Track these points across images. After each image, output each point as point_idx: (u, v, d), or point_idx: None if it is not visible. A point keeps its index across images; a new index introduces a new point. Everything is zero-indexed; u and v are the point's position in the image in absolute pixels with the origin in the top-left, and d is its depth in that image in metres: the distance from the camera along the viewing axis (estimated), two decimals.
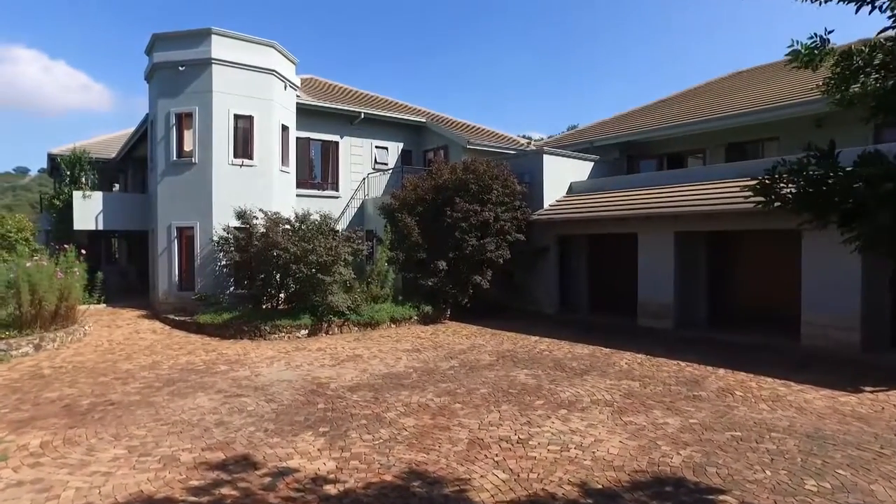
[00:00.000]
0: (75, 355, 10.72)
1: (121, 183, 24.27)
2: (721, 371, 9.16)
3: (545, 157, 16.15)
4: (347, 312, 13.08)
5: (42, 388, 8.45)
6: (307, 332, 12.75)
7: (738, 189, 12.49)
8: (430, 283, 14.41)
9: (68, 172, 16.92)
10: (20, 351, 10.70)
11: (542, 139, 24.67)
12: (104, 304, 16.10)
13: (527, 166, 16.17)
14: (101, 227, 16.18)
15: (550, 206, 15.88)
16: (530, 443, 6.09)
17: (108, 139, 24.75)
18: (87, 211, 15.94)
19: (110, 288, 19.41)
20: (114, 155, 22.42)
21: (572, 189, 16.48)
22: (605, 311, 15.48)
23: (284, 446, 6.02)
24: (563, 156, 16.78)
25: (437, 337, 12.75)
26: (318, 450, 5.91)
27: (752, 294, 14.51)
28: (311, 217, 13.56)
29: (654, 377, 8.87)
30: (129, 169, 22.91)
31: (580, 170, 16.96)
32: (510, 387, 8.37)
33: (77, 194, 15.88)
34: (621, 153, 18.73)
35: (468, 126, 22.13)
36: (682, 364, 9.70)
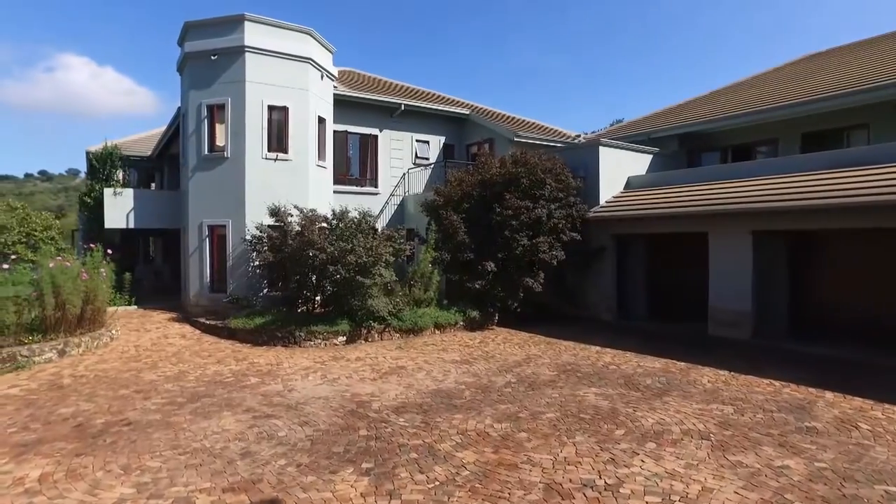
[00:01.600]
0: (99, 362, 9.97)
1: (157, 181, 23.83)
2: (829, 395, 7.76)
3: (601, 149, 14.81)
4: (388, 318, 12.06)
5: (58, 401, 7.66)
6: (345, 339, 11.77)
7: (842, 179, 11.29)
8: (477, 286, 13.29)
9: (100, 169, 16.32)
10: (43, 357, 10.00)
11: (587, 134, 23.26)
12: (135, 306, 15.48)
13: (581, 160, 14.87)
14: (132, 226, 15.56)
15: (607, 202, 14.55)
16: (621, 490, 4.90)
17: (146, 137, 24.38)
18: (119, 209, 15.34)
19: (144, 288, 18.93)
20: (150, 153, 21.99)
21: (630, 184, 15.13)
22: (665, 318, 14.10)
23: (321, 488, 4.97)
24: (622, 148, 15.40)
25: (486, 346, 11.62)
26: (362, 495, 4.84)
27: (840, 301, 12.86)
28: (350, 214, 12.59)
29: (747, 400, 7.55)
30: (164, 167, 22.43)
31: (638, 163, 15.58)
32: (580, 410, 7.18)
33: (108, 191, 15.27)
34: (680, 146, 17.26)
35: (514, 119, 20.91)
36: (777, 384, 8.32)
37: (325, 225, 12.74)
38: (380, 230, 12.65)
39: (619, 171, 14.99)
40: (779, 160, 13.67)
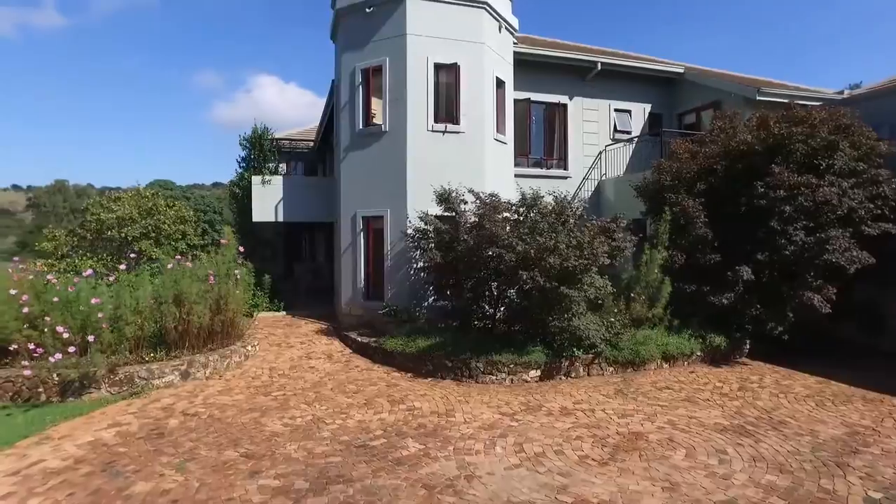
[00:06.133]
0: (223, 392, 7.60)
1: (319, 173, 22.31)
2: None
3: None
4: (600, 345, 8.39)
5: (144, 463, 5.34)
6: (538, 373, 8.33)
7: None
8: (724, 301, 9.10)
9: (250, 155, 14.52)
10: (163, 380, 7.89)
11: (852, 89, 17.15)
12: (283, 312, 13.43)
13: (886, 114, 9.90)
14: (280, 219, 13.52)
15: None
16: None
17: (312, 129, 23.11)
18: (267, 199, 13.38)
19: (300, 289, 17.17)
20: (312, 144, 20.54)
21: None
22: None
23: None
24: None
25: (753, 395, 7.50)
26: None
27: None
28: (544, 200, 9.13)
29: None
30: (325, 157, 20.75)
31: None
32: None
33: (255, 179, 13.35)
34: None
35: (741, 77, 15.96)
36: None
37: (508, 214, 9.44)
38: (594, 221, 8.93)
39: None
40: None
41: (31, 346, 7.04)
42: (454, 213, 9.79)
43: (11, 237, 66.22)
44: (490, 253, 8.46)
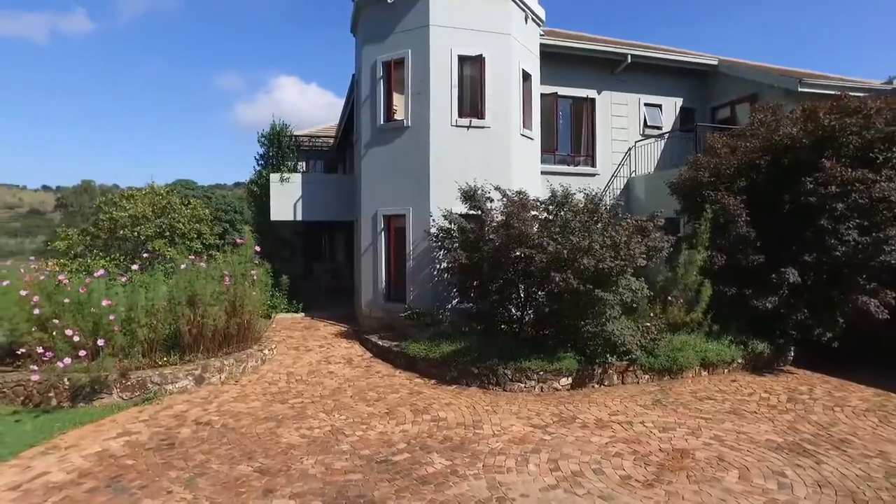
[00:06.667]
0: (238, 398, 7.25)
1: (339, 172, 22.00)
2: None
3: None
4: (636, 351, 7.87)
5: (155, 474, 5.04)
6: (570, 381, 7.85)
7: None
8: (768, 305, 8.51)
9: (268, 153, 14.14)
10: (177, 385, 7.57)
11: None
12: (302, 314, 13.07)
13: None
14: (299, 218, 13.15)
15: None
16: None
17: (332, 127, 22.82)
18: (286, 198, 13.02)
19: (320, 290, 16.86)
20: (332, 142, 20.23)
21: None
22: None
23: None
24: None
25: (804, 407, 6.92)
26: None
27: None
28: (575, 197, 8.63)
29: None
30: (345, 155, 20.42)
31: None
32: None
33: (273, 177, 12.98)
34: None
35: (780, 70, 15.24)
36: None
37: (535, 213, 8.95)
38: (628, 219, 8.37)
39: None
40: None
41: (40, 350, 6.74)
42: (480, 212, 9.33)
43: (41, 236, 67.48)
44: (518, 253, 7.99)
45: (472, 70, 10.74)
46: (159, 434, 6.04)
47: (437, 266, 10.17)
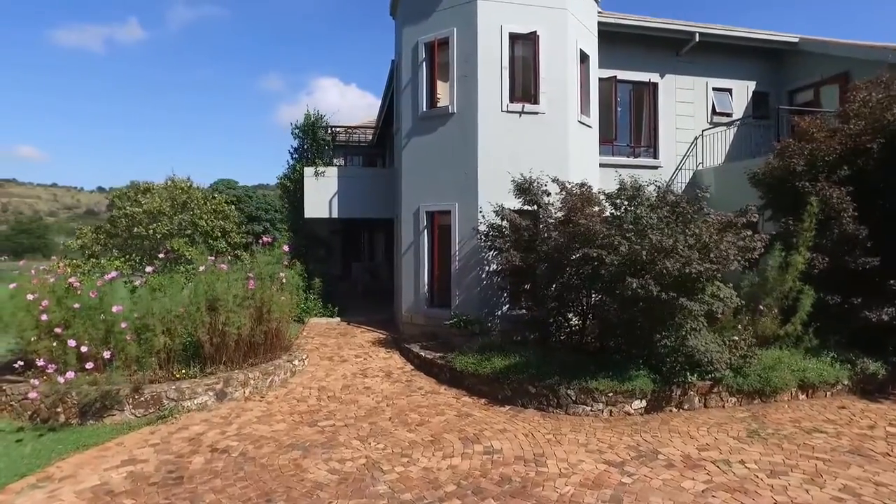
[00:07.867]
0: (261, 420, 6.37)
1: (379, 167, 21.13)
2: None
3: None
4: (722, 370, 6.64)
5: None
6: (643, 403, 6.67)
7: None
8: (883, 317, 7.15)
9: (302, 145, 13.22)
10: (195, 402, 6.75)
11: None
12: (337, 318, 12.15)
13: None
14: (334, 214, 12.24)
15: None
16: None
17: (370, 121, 22.03)
18: (321, 194, 12.14)
19: (357, 292, 16.00)
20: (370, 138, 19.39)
21: None
22: None
23: None
24: None
25: None
26: None
27: None
28: (646, 190, 7.44)
29: None
30: (385, 151, 19.56)
31: None
32: None
33: (308, 171, 12.08)
34: None
35: (871, 45, 13.56)
36: None
37: (598, 209, 7.81)
38: (710, 215, 7.11)
39: None
40: None
41: (41, 363, 5.99)
42: (535, 207, 8.23)
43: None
44: (582, 254, 6.85)
45: (524, 49, 9.64)
46: (168, 464, 5.18)
47: (486, 268, 9.11)
